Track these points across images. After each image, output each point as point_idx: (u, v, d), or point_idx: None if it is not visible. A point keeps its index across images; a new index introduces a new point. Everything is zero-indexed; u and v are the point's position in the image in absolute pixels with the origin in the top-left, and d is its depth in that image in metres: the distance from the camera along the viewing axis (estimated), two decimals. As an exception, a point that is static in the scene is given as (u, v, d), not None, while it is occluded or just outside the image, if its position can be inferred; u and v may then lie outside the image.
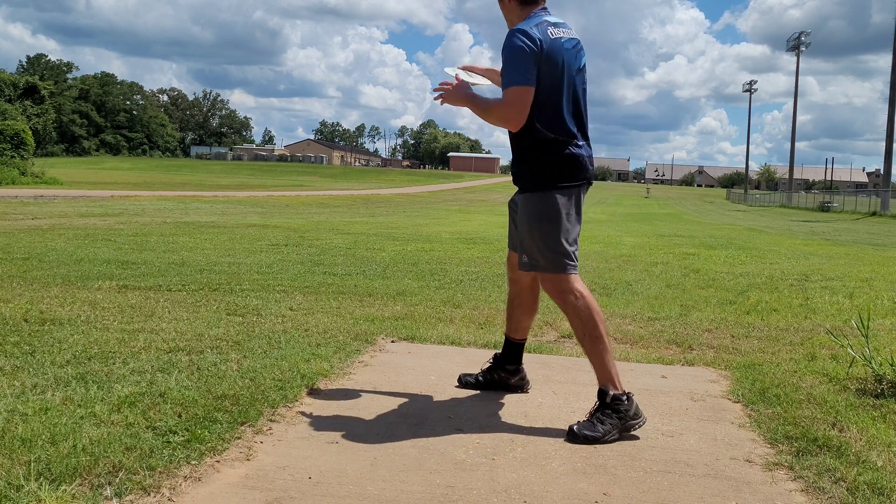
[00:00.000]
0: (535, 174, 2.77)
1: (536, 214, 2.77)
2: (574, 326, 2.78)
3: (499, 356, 3.18)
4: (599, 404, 2.67)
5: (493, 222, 17.18)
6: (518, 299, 3.09)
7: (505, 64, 2.70)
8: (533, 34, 2.68)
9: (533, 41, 2.66)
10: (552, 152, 2.74)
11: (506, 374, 3.15)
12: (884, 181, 39.60)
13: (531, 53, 2.65)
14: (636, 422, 2.64)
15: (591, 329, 2.72)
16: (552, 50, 2.69)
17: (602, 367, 2.72)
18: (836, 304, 5.68)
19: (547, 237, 2.75)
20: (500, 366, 3.16)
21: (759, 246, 11.92)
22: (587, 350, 2.75)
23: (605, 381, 2.70)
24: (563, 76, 2.72)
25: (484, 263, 7.78)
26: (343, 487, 2.12)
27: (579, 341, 2.79)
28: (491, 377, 3.17)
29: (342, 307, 4.86)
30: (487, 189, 58.65)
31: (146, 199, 21.23)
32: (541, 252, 2.77)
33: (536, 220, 2.77)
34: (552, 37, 2.71)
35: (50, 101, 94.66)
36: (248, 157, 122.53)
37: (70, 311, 4.31)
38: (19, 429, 2.33)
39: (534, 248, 2.79)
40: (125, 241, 8.87)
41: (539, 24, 2.73)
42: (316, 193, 34.00)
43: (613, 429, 2.60)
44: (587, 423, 2.63)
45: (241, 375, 3.06)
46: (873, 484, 2.20)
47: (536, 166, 2.76)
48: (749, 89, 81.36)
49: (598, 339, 2.71)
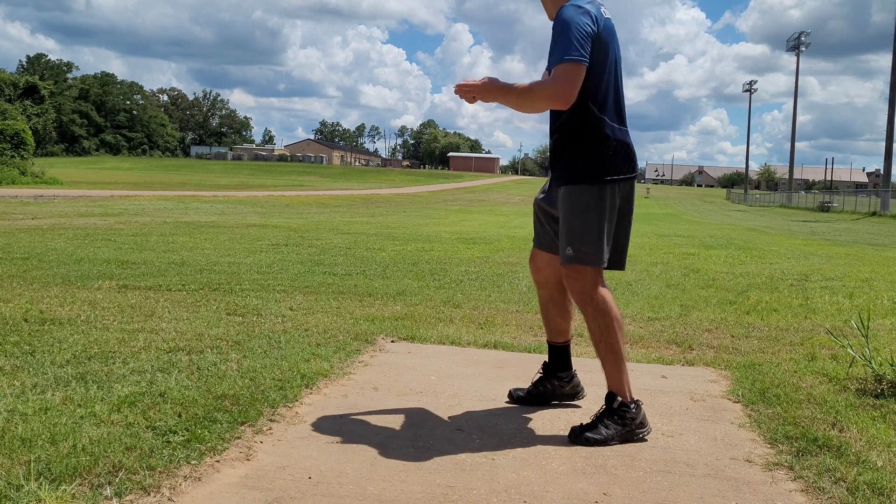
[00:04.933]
0: (588, 164, 2.58)
1: (585, 205, 2.59)
2: (591, 330, 2.67)
3: (547, 365, 3.00)
4: (606, 408, 2.62)
5: (493, 222, 17.18)
6: (550, 302, 2.93)
7: (556, 39, 2.46)
8: (590, 10, 2.49)
9: (590, 17, 2.47)
10: (606, 141, 2.58)
11: (559, 382, 2.98)
12: (884, 181, 39.59)
13: (588, 31, 2.45)
14: (642, 431, 2.61)
15: (607, 336, 2.63)
16: (606, 29, 2.53)
17: (614, 375, 2.65)
18: (836, 304, 5.68)
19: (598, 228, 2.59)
20: (553, 373, 2.98)
21: (759, 246, 11.92)
22: (601, 356, 2.67)
23: (615, 388, 2.64)
24: (615, 59, 2.58)
25: (484, 263, 7.78)
26: (343, 487, 2.12)
27: (594, 345, 2.69)
28: (543, 388, 2.98)
29: (342, 307, 4.86)
30: (487, 189, 58.64)
31: (146, 199, 21.23)
32: (590, 244, 2.59)
33: (586, 211, 2.59)
34: (605, 16, 2.55)
35: (50, 101, 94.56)
36: (248, 157, 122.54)
37: (70, 311, 4.31)
38: (19, 429, 2.33)
39: (584, 239, 2.60)
40: (125, 240, 8.87)
41: (591, 1, 2.55)
42: (316, 193, 33.99)
43: (617, 434, 2.57)
44: (591, 425, 2.59)
45: (241, 375, 3.06)
46: (873, 484, 2.20)
47: (589, 155, 2.58)
48: (749, 89, 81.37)
49: (613, 348, 2.63)
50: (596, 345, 2.68)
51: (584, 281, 2.64)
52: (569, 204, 2.65)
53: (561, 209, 2.69)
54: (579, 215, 2.61)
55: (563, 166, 2.67)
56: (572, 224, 2.63)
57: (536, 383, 3.01)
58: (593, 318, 2.65)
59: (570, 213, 2.64)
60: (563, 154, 2.67)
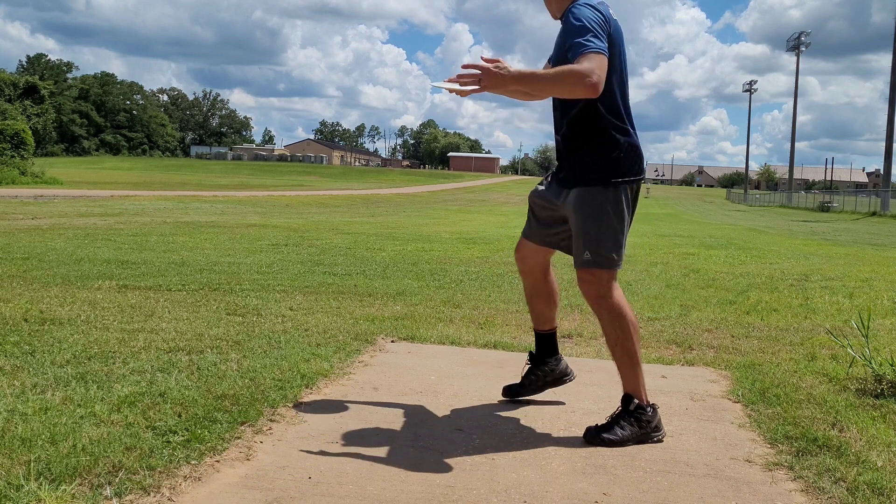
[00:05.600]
0: (600, 166, 2.57)
1: (600, 208, 2.58)
2: (607, 333, 2.66)
3: (534, 354, 3.01)
4: (622, 410, 2.61)
5: (493, 222, 17.19)
6: (534, 290, 2.94)
7: (577, 32, 2.40)
8: (601, 10, 2.49)
9: (603, 17, 2.47)
10: (616, 142, 2.58)
11: (548, 367, 2.98)
12: (884, 181, 39.60)
13: (605, 28, 2.44)
14: (657, 434, 2.60)
15: (623, 340, 2.62)
16: (616, 30, 2.53)
17: (630, 377, 2.64)
18: (836, 304, 5.68)
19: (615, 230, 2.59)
20: (541, 361, 2.98)
21: (759, 246, 11.92)
22: (616, 358, 2.66)
23: (631, 390, 2.64)
24: (624, 61, 2.59)
25: (484, 263, 7.78)
26: (343, 487, 2.12)
27: (609, 348, 2.68)
28: (535, 377, 2.99)
29: (342, 307, 4.86)
30: (487, 189, 58.65)
31: (146, 199, 21.23)
32: (607, 248, 2.59)
33: (602, 213, 2.58)
34: (613, 17, 2.54)
35: (50, 101, 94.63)
36: (248, 157, 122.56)
37: (70, 311, 4.31)
38: (19, 429, 2.33)
39: (601, 243, 2.59)
40: (125, 240, 8.87)
41: (601, 2, 2.54)
42: (316, 193, 34.00)
43: (633, 436, 2.56)
44: (607, 426, 2.58)
45: (241, 375, 3.06)
46: (873, 484, 2.20)
47: (600, 157, 2.57)
48: (749, 89, 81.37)
49: (629, 351, 2.62)
50: (612, 348, 2.67)
51: (599, 285, 2.63)
52: (583, 206, 2.62)
53: (574, 212, 2.65)
54: (595, 218, 2.60)
55: (572, 167, 2.65)
56: (588, 227, 2.61)
57: (527, 374, 3.01)
58: (609, 321, 2.64)
59: (585, 215, 2.62)
60: (572, 154, 2.65)
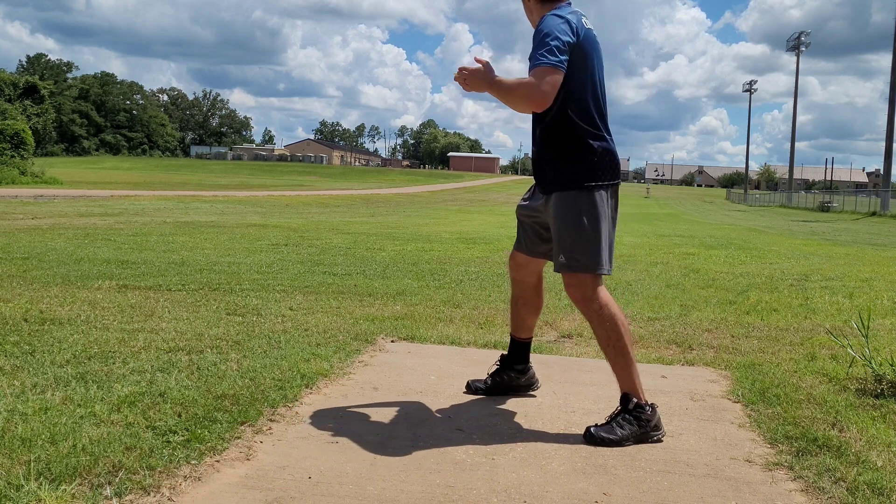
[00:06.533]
0: (575, 170, 2.61)
1: (577, 212, 2.61)
2: (598, 335, 2.69)
3: (506, 357, 3.12)
4: (621, 409, 2.62)
5: (492, 222, 17.18)
6: (522, 299, 3.01)
7: (536, 45, 2.50)
8: (570, 20, 2.54)
9: (570, 26, 2.52)
10: (590, 148, 2.61)
11: (515, 374, 3.08)
12: (884, 181, 39.59)
13: (567, 39, 2.49)
14: (657, 433, 2.61)
15: (615, 340, 2.64)
16: (587, 39, 2.57)
17: (625, 377, 2.66)
18: (836, 304, 5.68)
19: (592, 234, 2.61)
20: (509, 366, 3.08)
21: (759, 246, 11.91)
22: (610, 359, 2.68)
23: (628, 389, 2.65)
24: (596, 68, 2.62)
25: (484, 263, 7.78)
26: (343, 487, 2.12)
27: (602, 349, 2.70)
28: (500, 379, 3.08)
29: (342, 307, 4.86)
30: (487, 189, 58.64)
31: (146, 199, 21.22)
32: (583, 251, 2.62)
33: (578, 217, 2.61)
34: (586, 26, 2.60)
35: (50, 101, 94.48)
36: (247, 157, 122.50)
37: (70, 311, 4.31)
38: (19, 428, 2.33)
39: (576, 247, 2.62)
40: (125, 240, 8.87)
41: (573, 11, 2.61)
42: (316, 193, 33.99)
43: (632, 435, 2.57)
44: (607, 426, 2.59)
45: (241, 375, 3.06)
46: (873, 484, 2.20)
47: (575, 162, 2.61)
48: (749, 89, 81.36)
49: (622, 350, 2.64)
50: (604, 349, 2.69)
51: (584, 288, 2.66)
52: (560, 211, 2.66)
53: (553, 216, 2.69)
54: (571, 222, 2.63)
55: (549, 173, 2.70)
56: (563, 231, 2.66)
57: (493, 374, 3.11)
58: (599, 324, 2.66)
59: (561, 219, 2.66)
60: (548, 161, 2.69)
